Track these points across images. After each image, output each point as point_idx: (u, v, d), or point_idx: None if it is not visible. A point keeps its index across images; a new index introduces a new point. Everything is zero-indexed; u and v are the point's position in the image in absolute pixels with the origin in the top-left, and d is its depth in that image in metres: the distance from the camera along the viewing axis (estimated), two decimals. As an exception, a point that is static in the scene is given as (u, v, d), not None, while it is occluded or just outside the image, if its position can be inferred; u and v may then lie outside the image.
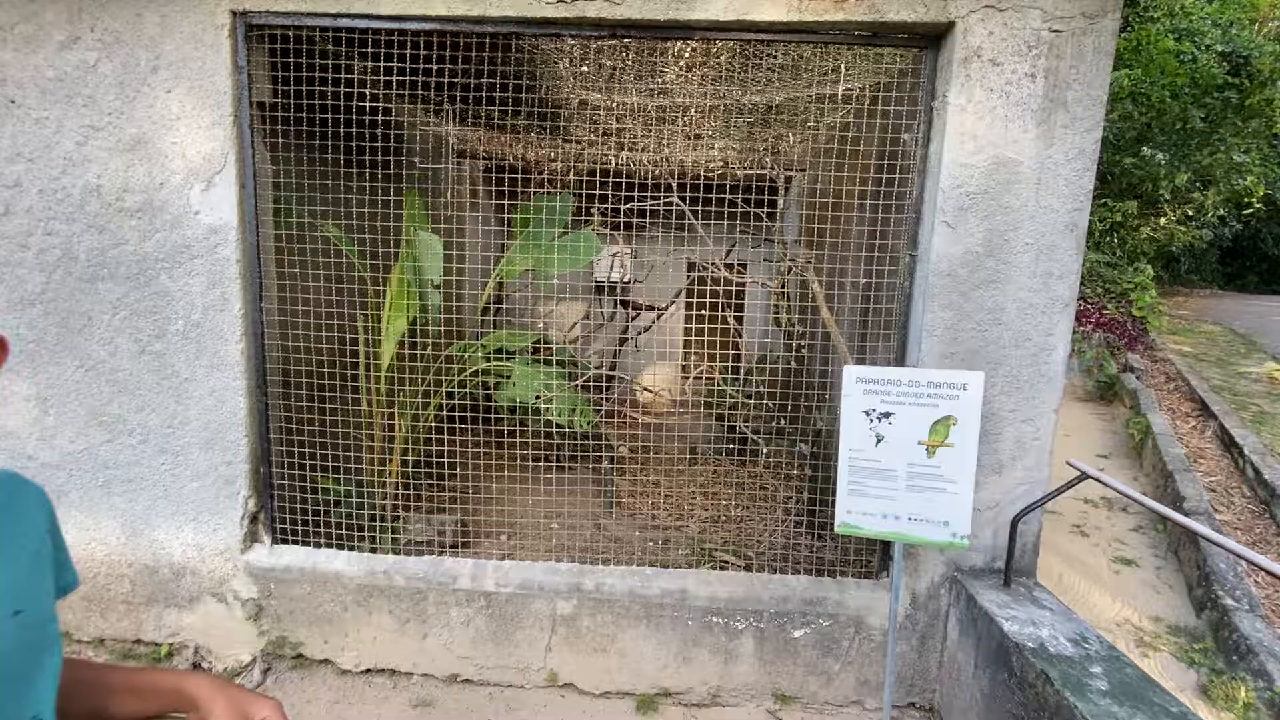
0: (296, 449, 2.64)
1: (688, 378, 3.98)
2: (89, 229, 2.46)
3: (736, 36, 2.34)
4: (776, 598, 2.47)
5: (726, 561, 3.21)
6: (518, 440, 4.32)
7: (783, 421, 3.49)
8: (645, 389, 4.52)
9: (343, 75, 2.58)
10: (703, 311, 3.63)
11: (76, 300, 2.50)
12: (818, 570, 2.66)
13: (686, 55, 3.29)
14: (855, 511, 2.11)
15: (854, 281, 2.61)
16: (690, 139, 4.34)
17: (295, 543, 2.66)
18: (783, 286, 3.61)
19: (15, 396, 2.56)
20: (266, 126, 2.54)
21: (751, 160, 4.32)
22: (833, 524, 2.17)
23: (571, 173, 4.65)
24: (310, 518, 2.66)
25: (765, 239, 5.64)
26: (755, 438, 3.80)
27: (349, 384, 3.00)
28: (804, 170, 4.87)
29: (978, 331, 2.29)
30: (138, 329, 2.51)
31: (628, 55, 2.96)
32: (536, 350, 4.02)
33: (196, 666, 2.66)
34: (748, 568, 3.03)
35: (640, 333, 5.91)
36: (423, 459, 3.24)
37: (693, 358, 3.98)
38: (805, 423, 3.52)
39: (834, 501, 2.16)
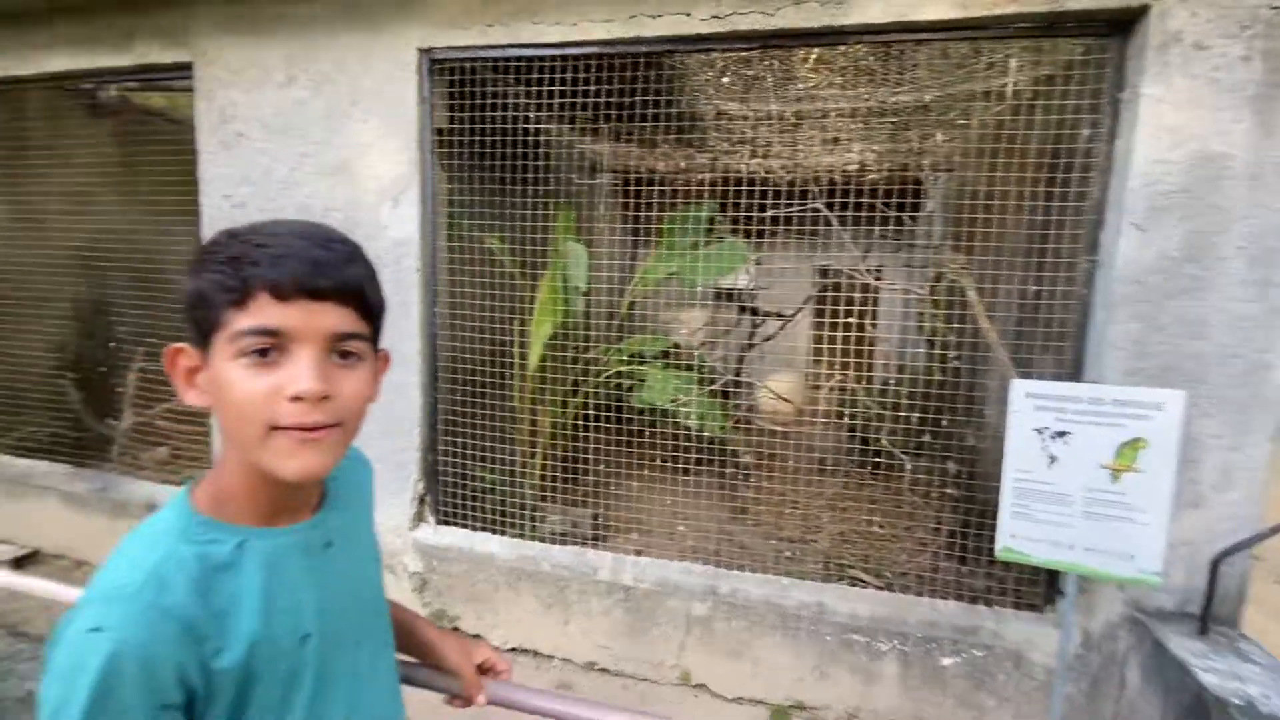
0: (457, 439, 2.90)
1: (819, 386, 3.88)
2: (299, 243, 2.86)
3: (895, 39, 2.27)
4: (924, 621, 2.36)
5: (862, 580, 3.10)
6: (648, 442, 4.44)
7: (927, 436, 3.31)
8: (777, 395, 4.47)
9: (508, 100, 2.81)
10: (834, 319, 3.54)
11: (287, 304, 2.92)
12: (969, 599, 2.50)
13: (818, 56, 3.23)
14: (1020, 536, 1.97)
15: (1021, 288, 2.43)
16: (827, 143, 4.25)
17: (454, 524, 2.92)
18: (931, 293, 3.43)
19: (240, 384, 3.03)
20: (442, 149, 2.82)
21: (893, 162, 4.15)
22: (986, 550, 2.03)
23: (705, 182, 4.71)
24: (466, 502, 2.91)
25: (907, 244, 5.37)
26: (896, 452, 3.63)
27: (502, 382, 3.24)
28: (952, 170, 4.59)
29: (1172, 345, 2.05)
30: (333, 329, 2.88)
31: (772, 64, 2.97)
32: (669, 355, 4.11)
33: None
34: (886, 588, 2.91)
35: (765, 340, 5.85)
36: (563, 454, 3.43)
37: (823, 366, 3.88)
38: (953, 439, 3.32)
39: (990, 525, 2.03)
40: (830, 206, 3.13)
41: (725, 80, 3.44)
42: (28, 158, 3.72)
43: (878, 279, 3.36)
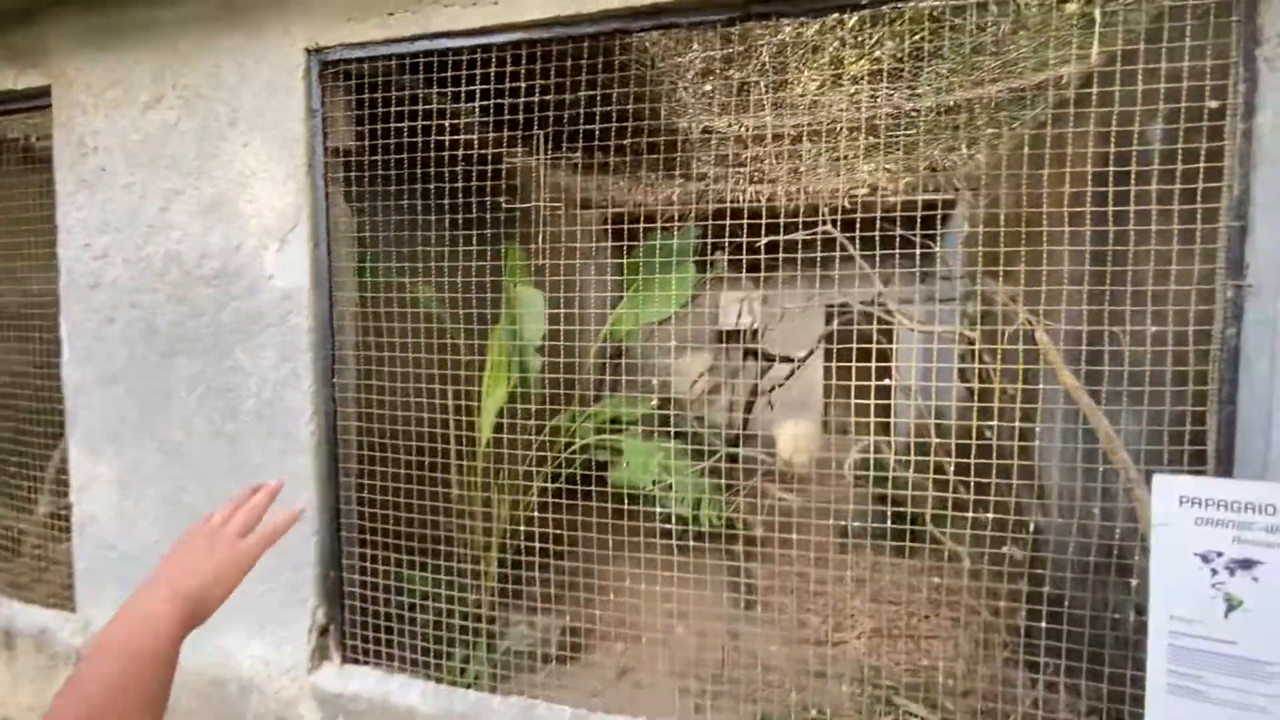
0: (373, 548, 2.22)
1: (838, 435, 3.18)
2: (169, 299, 2.26)
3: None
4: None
5: (913, 714, 2.34)
6: (627, 521, 3.73)
7: (981, 511, 2.58)
8: (797, 446, 3.77)
9: (434, 112, 2.22)
10: (847, 363, 2.93)
11: (158, 377, 2.29)
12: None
13: (831, 50, 2.65)
14: (1186, 724, 1.24)
15: (1152, 330, 1.75)
16: (837, 162, 3.66)
17: (368, 663, 2.21)
18: (971, 332, 2.75)
19: (98, 480, 2.38)
20: (349, 174, 2.22)
21: (916, 180, 3.54)
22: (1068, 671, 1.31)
23: (693, 214, 4.12)
24: (384, 633, 2.20)
25: (929, 273, 4.73)
26: (936, 532, 2.89)
27: (440, 465, 2.57)
28: (984, 186, 3.97)
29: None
30: (213, 408, 2.24)
31: (761, 54, 2.38)
32: (653, 419, 3.44)
33: (261, 805, 2.25)
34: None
35: (774, 388, 5.17)
36: (524, 549, 2.72)
37: (840, 414, 3.19)
38: (1013, 515, 2.60)
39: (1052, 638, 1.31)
40: (842, 237, 2.49)
41: (709, 88, 2.86)
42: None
43: (889, 314, 2.69)
